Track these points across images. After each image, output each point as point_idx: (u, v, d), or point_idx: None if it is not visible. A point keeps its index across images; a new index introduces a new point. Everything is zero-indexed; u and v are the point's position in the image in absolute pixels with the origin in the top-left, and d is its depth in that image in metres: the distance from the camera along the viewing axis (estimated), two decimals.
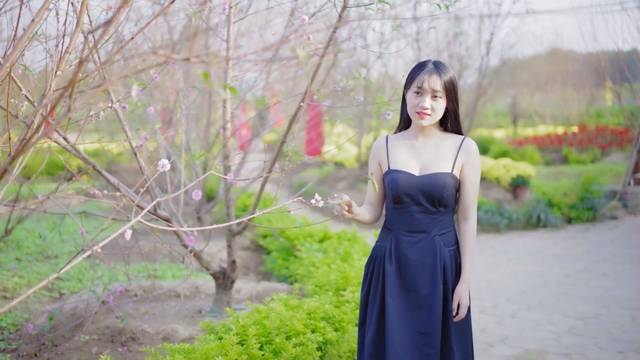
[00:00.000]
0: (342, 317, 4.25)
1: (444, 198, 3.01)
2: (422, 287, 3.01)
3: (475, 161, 3.09)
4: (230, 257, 5.10)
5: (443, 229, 3.06)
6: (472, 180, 3.09)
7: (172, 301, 5.60)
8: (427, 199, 3.02)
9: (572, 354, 5.27)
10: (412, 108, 3.04)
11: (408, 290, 3.02)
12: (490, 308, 6.57)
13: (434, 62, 3.08)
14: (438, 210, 3.04)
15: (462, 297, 3.03)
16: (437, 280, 3.00)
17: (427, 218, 3.04)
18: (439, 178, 3.01)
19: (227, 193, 4.85)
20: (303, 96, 4.39)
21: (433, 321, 2.97)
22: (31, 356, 4.58)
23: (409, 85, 3.09)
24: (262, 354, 3.59)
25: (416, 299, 3.01)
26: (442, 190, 2.99)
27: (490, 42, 12.57)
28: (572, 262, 8.65)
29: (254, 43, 9.63)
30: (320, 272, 5.05)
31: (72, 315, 5.08)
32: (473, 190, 3.10)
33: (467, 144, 3.10)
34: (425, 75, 3.00)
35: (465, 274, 3.06)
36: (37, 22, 2.50)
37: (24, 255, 7.68)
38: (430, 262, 3.01)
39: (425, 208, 3.03)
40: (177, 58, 2.17)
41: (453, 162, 3.06)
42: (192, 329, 4.67)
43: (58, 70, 2.77)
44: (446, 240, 3.07)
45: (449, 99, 3.05)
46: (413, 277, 3.02)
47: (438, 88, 2.99)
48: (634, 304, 6.64)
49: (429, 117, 3.02)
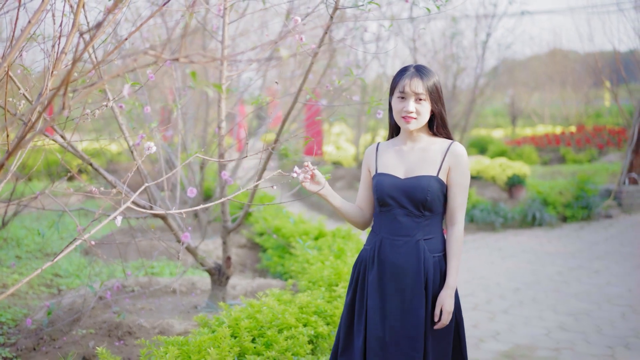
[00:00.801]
0: (334, 311, 4.35)
1: (427, 201, 2.98)
2: (405, 291, 2.98)
3: (462, 166, 3.05)
4: (226, 253, 5.20)
5: (429, 234, 3.02)
6: (459, 185, 3.04)
7: (168, 297, 5.70)
8: (410, 202, 3.00)
9: (561, 348, 5.37)
10: (398, 113, 3.05)
11: (391, 294, 3.00)
12: (483, 304, 6.67)
13: (415, 66, 3.09)
14: (422, 214, 3.00)
15: (444, 303, 2.95)
16: (419, 285, 2.96)
17: (411, 222, 3.01)
18: (422, 181, 3.00)
19: (221, 190, 4.95)
20: (296, 95, 4.49)
21: (417, 325, 2.94)
22: (30, 350, 4.68)
23: (392, 92, 3.10)
24: (254, 346, 3.69)
25: (400, 302, 2.98)
26: (425, 193, 2.97)
27: (486, 42, 12.67)
28: (566, 260, 8.75)
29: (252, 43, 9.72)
30: (314, 269, 5.15)
31: (70, 310, 5.18)
32: (460, 195, 3.05)
33: (455, 148, 3.06)
34: (407, 79, 3.01)
35: (450, 280, 2.99)
36: (33, 23, 2.59)
37: (23, 253, 7.78)
38: (414, 267, 2.98)
39: (409, 211, 3.01)
40: (166, 58, 2.26)
41: (439, 166, 3.03)
42: (187, 323, 4.77)
43: (55, 69, 2.86)
44: (431, 246, 3.02)
45: (433, 102, 3.04)
46: (396, 281, 3.00)
47: (420, 91, 2.99)
48: (625, 301, 6.74)
49: (414, 121, 3.02)
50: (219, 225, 9.09)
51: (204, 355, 3.46)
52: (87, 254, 7.91)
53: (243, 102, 10.24)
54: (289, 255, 6.59)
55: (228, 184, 4.78)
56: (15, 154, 2.25)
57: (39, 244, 8.19)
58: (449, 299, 2.96)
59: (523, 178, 12.56)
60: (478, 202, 11.20)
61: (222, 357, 3.41)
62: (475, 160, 14.17)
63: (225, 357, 3.41)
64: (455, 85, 13.34)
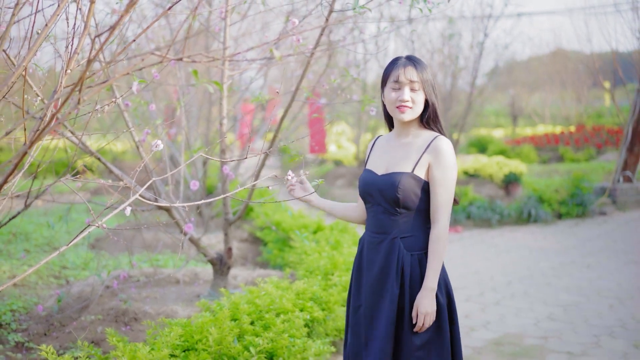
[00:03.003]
0: (329, 298, 4.60)
1: (399, 199, 2.87)
2: (378, 289, 2.93)
3: (443, 161, 2.88)
4: (227, 244, 5.45)
5: (406, 232, 2.92)
6: (440, 182, 2.88)
7: (172, 286, 5.96)
8: (385, 200, 2.92)
9: (549, 337, 5.60)
10: (392, 104, 2.94)
11: (367, 292, 2.97)
12: (475, 296, 6.90)
13: (407, 56, 2.99)
14: (398, 212, 2.91)
15: (419, 305, 2.85)
16: (391, 284, 2.89)
17: (387, 219, 2.93)
18: (393, 178, 2.90)
19: (223, 184, 5.20)
20: (293, 94, 4.74)
21: (386, 325, 2.87)
22: (41, 335, 4.93)
23: (385, 83, 3.00)
24: (252, 328, 3.94)
25: (373, 301, 2.94)
26: (395, 190, 2.87)
27: (483, 43, 12.90)
28: (559, 255, 8.98)
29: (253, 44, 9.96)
30: (311, 259, 5.40)
31: (79, 298, 5.44)
32: (442, 192, 2.89)
33: (436, 143, 2.91)
34: (401, 68, 2.91)
35: (427, 282, 2.85)
36: (50, 26, 2.84)
37: (31, 247, 8.04)
38: (386, 264, 2.92)
39: (385, 209, 2.93)
40: (171, 58, 2.51)
41: (416, 162, 2.91)
42: (190, 309, 5.03)
43: (68, 68, 3.11)
44: (410, 244, 2.92)
45: (427, 92, 2.93)
46: (372, 279, 2.96)
47: (415, 79, 2.89)
48: (613, 294, 6.96)
49: (409, 110, 2.91)
50: (220, 221, 9.34)
51: (205, 335, 3.70)
52: (93, 247, 8.18)
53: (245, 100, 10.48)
54: (288, 249, 6.84)
55: (230, 178, 5.03)
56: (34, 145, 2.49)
57: (46, 238, 8.46)
58: (424, 300, 2.85)
59: (519, 176, 12.81)
60: (475, 199, 11.44)
61: (223, 337, 3.65)
62: (473, 158, 14.41)
63: (226, 336, 3.65)
64: (454, 85, 13.58)
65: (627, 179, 12.82)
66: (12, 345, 4.79)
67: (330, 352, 4.18)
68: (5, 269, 6.77)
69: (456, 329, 3.00)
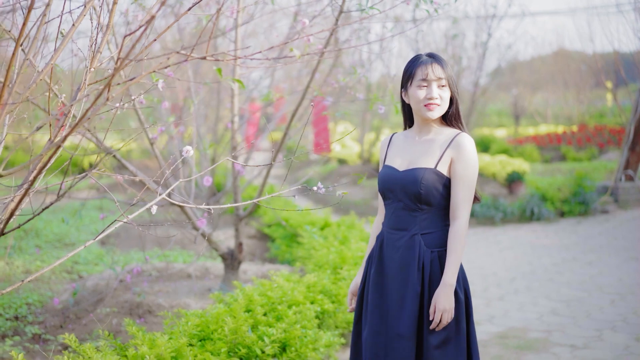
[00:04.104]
0: (339, 291, 4.74)
1: (421, 195, 2.87)
2: (400, 287, 2.92)
3: (466, 158, 2.89)
4: (238, 239, 5.58)
5: (426, 229, 2.92)
6: (461, 178, 2.88)
7: (183, 281, 6.09)
8: (406, 195, 2.91)
9: (552, 330, 5.72)
10: (419, 102, 2.92)
11: (388, 289, 2.96)
12: (480, 292, 7.03)
13: (428, 54, 2.99)
14: (419, 208, 2.91)
15: (437, 301, 2.83)
16: (411, 281, 2.89)
17: (408, 215, 2.93)
18: (416, 173, 2.89)
19: (235, 180, 5.33)
20: (303, 93, 4.87)
21: (408, 323, 2.86)
22: (57, 327, 5.07)
23: (409, 82, 2.97)
24: (266, 319, 4.07)
25: (395, 298, 2.92)
26: (418, 186, 2.87)
27: (487, 43, 13.03)
28: (561, 252, 9.10)
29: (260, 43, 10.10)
30: (320, 254, 5.54)
31: (94, 291, 5.58)
32: (463, 188, 2.89)
33: (459, 139, 2.91)
34: (428, 66, 2.91)
35: (446, 278, 2.84)
36: (76, 26, 2.98)
37: (43, 243, 8.19)
38: (409, 262, 2.90)
39: (406, 205, 2.92)
40: (196, 57, 2.65)
41: (439, 158, 2.91)
42: (202, 302, 5.16)
43: (91, 67, 3.24)
44: (430, 241, 2.92)
45: (452, 89, 2.96)
46: (393, 276, 2.94)
47: (442, 76, 2.90)
48: (615, 289, 7.08)
49: (438, 108, 2.92)
50: (229, 218, 9.48)
51: (221, 325, 3.84)
52: (102, 244, 8.33)
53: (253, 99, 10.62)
54: (296, 244, 6.98)
55: (241, 174, 5.16)
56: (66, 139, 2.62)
57: (57, 235, 8.60)
58: (443, 297, 2.83)
59: (522, 174, 12.94)
60: None
61: (238, 326, 3.78)
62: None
63: (241, 326, 3.79)
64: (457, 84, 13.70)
65: (629, 178, 12.95)
66: (29, 336, 4.93)
67: (340, 343, 4.32)
68: (18, 264, 6.92)
69: (472, 325, 3.00)
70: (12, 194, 2.73)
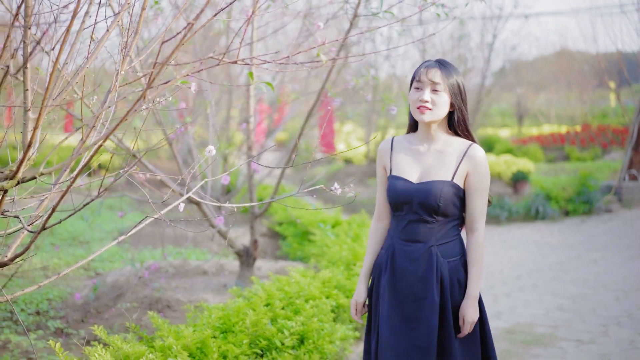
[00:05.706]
0: (352, 286, 4.90)
1: (440, 207, 2.86)
2: (417, 298, 2.90)
3: (481, 171, 2.89)
4: (253, 237, 5.74)
5: (442, 239, 2.92)
6: (477, 190, 2.90)
7: (199, 277, 6.26)
8: (423, 208, 2.88)
9: (558, 326, 5.88)
10: (413, 104, 2.91)
11: (403, 302, 2.92)
12: (486, 289, 7.18)
13: (437, 60, 2.98)
14: (436, 220, 2.89)
15: (465, 314, 2.88)
16: (431, 292, 2.88)
17: (424, 227, 2.90)
18: (435, 186, 2.87)
19: (250, 179, 5.49)
20: (318, 94, 5.03)
21: (428, 334, 2.86)
22: (78, 322, 5.23)
23: (411, 84, 2.98)
24: (284, 313, 4.23)
25: (411, 310, 2.90)
26: (437, 199, 2.85)
27: (492, 44, 13.17)
28: (566, 250, 9.26)
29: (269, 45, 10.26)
30: (333, 251, 5.70)
31: (113, 287, 5.74)
32: (478, 200, 2.91)
33: (473, 151, 2.91)
34: (424, 69, 2.90)
35: (471, 290, 2.89)
36: (110, 31, 3.13)
37: (57, 241, 8.36)
38: (425, 274, 2.89)
39: (421, 217, 2.89)
40: (228, 61, 2.80)
41: (455, 170, 2.89)
42: (220, 297, 5.33)
43: (122, 70, 3.40)
44: (446, 251, 2.92)
45: (453, 96, 2.90)
46: (408, 287, 2.92)
47: (437, 80, 2.85)
48: (619, 286, 7.23)
49: (429, 112, 2.87)
50: (240, 216, 9.65)
51: (242, 318, 4.00)
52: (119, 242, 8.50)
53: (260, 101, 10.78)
54: (307, 242, 7.14)
55: (257, 173, 5.32)
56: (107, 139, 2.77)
57: (71, 233, 8.77)
58: (470, 309, 2.88)
59: (527, 174, 13.09)
60: None
61: (259, 319, 3.94)
62: None
63: (261, 319, 3.95)
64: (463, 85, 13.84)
65: (633, 178, 13.10)
66: (52, 330, 5.09)
67: (354, 337, 4.48)
68: (36, 261, 7.08)
69: (486, 322, 3.05)
70: (49, 191, 2.89)
